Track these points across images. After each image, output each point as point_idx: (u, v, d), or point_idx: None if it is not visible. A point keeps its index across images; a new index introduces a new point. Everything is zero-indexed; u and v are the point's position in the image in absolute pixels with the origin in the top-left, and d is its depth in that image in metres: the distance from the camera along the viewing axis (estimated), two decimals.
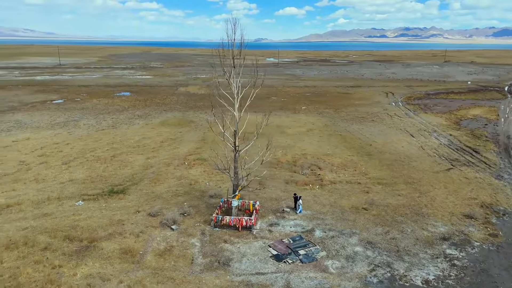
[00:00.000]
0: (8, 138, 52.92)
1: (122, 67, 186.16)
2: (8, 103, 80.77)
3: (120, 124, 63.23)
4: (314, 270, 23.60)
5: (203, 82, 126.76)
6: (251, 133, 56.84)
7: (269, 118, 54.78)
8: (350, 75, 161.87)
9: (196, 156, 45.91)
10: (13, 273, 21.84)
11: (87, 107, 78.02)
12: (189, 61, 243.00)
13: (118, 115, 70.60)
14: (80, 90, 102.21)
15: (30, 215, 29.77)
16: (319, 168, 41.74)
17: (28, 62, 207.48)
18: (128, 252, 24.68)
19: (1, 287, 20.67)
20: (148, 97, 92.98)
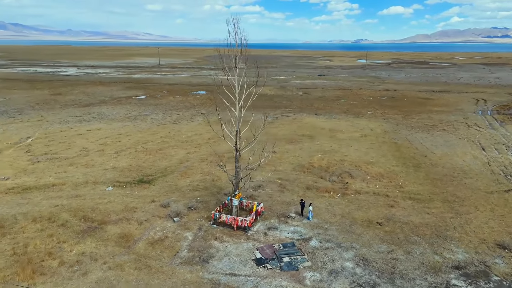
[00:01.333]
0: (85, 127, 60.78)
1: (211, 68, 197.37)
2: (101, 97, 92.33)
3: (181, 120, 67.75)
4: (289, 279, 22.76)
5: (278, 83, 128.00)
6: (303, 136, 56.00)
7: (326, 121, 53.49)
8: (443, 79, 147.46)
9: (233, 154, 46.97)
10: (26, 243, 25.50)
11: (161, 103, 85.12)
12: (276, 62, 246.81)
13: (184, 112, 75.65)
14: (164, 88, 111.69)
15: (66, 194, 34.12)
16: (351, 177, 39.45)
17: (135, 62, 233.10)
18: (125, 237, 26.81)
19: (12, 252, 24.34)
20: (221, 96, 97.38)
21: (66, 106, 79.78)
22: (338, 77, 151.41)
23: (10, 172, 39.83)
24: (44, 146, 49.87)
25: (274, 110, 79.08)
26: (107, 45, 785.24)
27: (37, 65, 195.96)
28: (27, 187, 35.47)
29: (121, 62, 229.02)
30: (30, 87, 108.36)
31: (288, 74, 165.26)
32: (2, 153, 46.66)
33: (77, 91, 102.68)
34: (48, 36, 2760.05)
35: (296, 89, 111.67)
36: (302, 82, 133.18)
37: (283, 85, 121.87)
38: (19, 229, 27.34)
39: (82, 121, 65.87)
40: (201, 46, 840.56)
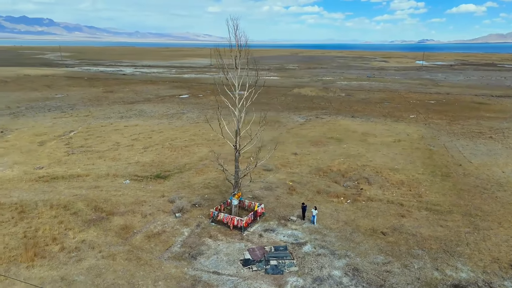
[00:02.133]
0: (123, 123, 64.45)
1: (259, 68, 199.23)
2: (147, 95, 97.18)
3: (215, 119, 69.13)
4: (270, 283, 22.47)
5: (323, 84, 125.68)
6: (332, 138, 54.53)
7: (361, 124, 51.23)
8: (508, 82, 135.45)
9: (254, 154, 47.08)
10: (38, 227, 27.74)
11: (201, 103, 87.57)
12: (327, 63, 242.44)
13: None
14: (208, 87, 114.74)
15: (87, 185, 36.52)
16: (368, 183, 37.79)
17: (188, 63, 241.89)
18: (126, 228, 28.15)
19: (23, 235, 26.64)
20: (259, 96, 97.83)
21: (114, 103, 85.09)
22: (388, 79, 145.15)
23: (45, 162, 43.48)
24: (83, 139, 53.70)
25: (310, 111, 77.90)
26: (169, 46, 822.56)
27: (100, 65, 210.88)
28: (55, 177, 38.51)
29: (175, 63, 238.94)
30: (88, 85, 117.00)
31: (336, 75, 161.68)
32: (45, 144, 51.03)
33: (127, 89, 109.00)
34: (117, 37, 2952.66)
35: (339, 91, 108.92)
36: (349, 83, 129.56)
37: (327, 86, 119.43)
38: (36, 214, 29.82)
39: (123, 117, 69.90)
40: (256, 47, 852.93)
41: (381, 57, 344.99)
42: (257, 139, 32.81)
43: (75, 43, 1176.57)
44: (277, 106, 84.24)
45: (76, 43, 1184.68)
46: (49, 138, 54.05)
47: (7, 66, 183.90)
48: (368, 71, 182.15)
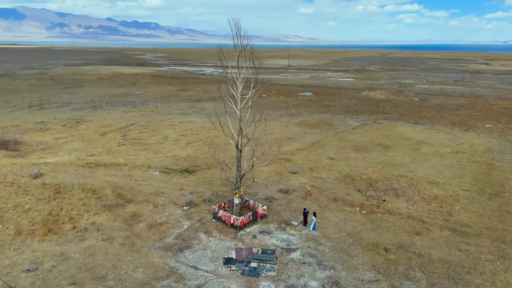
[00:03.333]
0: (180, 120, 68.58)
1: (336, 70, 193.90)
2: (213, 94, 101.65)
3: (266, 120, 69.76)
4: (241, 284, 22.35)
5: (399, 87, 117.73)
6: (379, 145, 51.52)
7: (421, 132, 48.48)
8: None
9: (287, 156, 46.59)
10: (63, 207, 31.29)
11: (259, 103, 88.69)
12: (414, 65, 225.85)
13: (275, 111, 77.46)
14: (274, 88, 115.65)
15: (121, 174, 39.93)
16: (395, 195, 34.83)
17: (267, 64, 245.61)
18: (134, 216, 30.27)
19: (48, 212, 30.33)
20: (323, 98, 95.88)
21: (181, 100, 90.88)
22: (479, 83, 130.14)
23: (98, 151, 48.58)
24: (138, 132, 58.65)
25: (370, 115, 73.87)
26: (258, 47, 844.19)
27: (185, 65, 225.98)
28: (99, 164, 42.85)
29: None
30: (166, 83, 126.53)
31: (419, 78, 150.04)
32: (106, 135, 56.93)
33: (199, 88, 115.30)
34: (213, 39, 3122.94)
35: (413, 95, 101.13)
36: (429, 87, 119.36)
37: (402, 89, 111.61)
38: (68, 196, 33.66)
39: (183, 114, 74.39)
40: (346, 47, 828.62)
41: (484, 59, 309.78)
42: (256, 139, 32.53)
43: (175, 44, 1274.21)
44: (336, 108, 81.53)
45: (176, 44, 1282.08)
46: (111, 130, 60.12)
47: (109, 65, 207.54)
48: (458, 74, 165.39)
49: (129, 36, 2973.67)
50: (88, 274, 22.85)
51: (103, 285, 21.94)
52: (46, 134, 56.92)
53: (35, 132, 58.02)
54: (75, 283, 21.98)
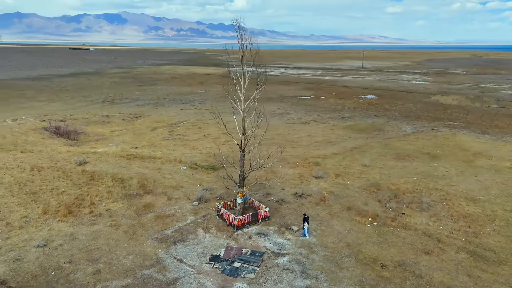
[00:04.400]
0: (228, 118, 70.29)
1: (413, 72, 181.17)
2: (271, 95, 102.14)
3: (313, 122, 68.32)
4: (215, 282, 22.51)
5: (479, 92, 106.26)
6: (426, 154, 47.62)
7: (484, 143, 46.44)
8: None
9: (318, 160, 45.16)
10: (90, 192, 34.35)
11: (314, 104, 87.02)
12: (509, 68, 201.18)
13: (327, 114, 75.35)
14: (336, 90, 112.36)
15: (152, 166, 42.44)
16: (420, 209, 31.81)
17: (339, 65, 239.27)
18: (147, 206, 32.07)
19: (76, 195, 33.56)
20: (385, 101, 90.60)
21: None
22: None
23: (142, 144, 52.20)
24: (185, 129, 61.64)
25: (430, 122, 67.99)
26: (338, 48, 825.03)
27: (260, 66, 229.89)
28: (137, 156, 46.08)
29: (326, 65, 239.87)
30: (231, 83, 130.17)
31: (509, 82, 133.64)
32: (156, 130, 60.89)
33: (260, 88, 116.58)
34: (294, 41, 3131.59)
35: (493, 101, 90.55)
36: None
37: (482, 95, 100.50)
38: (99, 183, 36.87)
39: (234, 113, 76.06)
40: (435, 48, 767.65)
41: None
42: (259, 140, 32.20)
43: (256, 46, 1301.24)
44: (395, 113, 76.48)
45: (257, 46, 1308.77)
46: (163, 125, 64.07)
47: (186, 65, 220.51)
48: None
49: (215, 38, 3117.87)
50: (85, 255, 24.93)
51: (93, 266, 23.77)
52: (105, 127, 62.79)
53: (97, 124, 64.35)
54: (71, 262, 24.16)
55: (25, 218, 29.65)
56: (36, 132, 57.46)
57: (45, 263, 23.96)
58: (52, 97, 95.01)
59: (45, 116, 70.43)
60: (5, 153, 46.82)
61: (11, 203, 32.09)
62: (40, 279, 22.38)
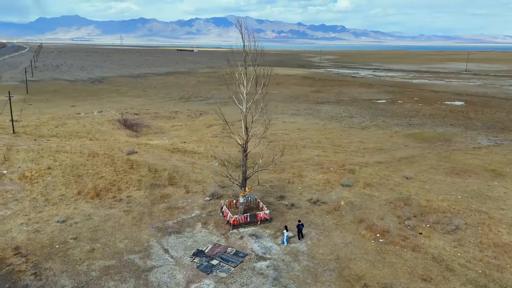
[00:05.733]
0: (286, 119, 69.89)
1: None
2: (342, 97, 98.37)
3: (374, 127, 64.00)
4: (185, 276, 23.08)
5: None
6: (489, 171, 42.03)
7: None
8: None
9: (355, 167, 42.31)
10: (123, 179, 37.66)
11: (388, 109, 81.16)
12: None
13: (394, 120, 69.86)
14: (420, 94, 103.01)
15: (189, 160, 44.60)
16: (445, 232, 27.89)
17: (438, 67, 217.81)
18: (164, 197, 34.01)
19: (111, 180, 37.09)
20: (472, 109, 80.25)
21: (305, 102, 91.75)
22: None
23: (192, 139, 55.08)
24: (239, 127, 63.03)
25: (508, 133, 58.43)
26: (450, 49, 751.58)
27: (345, 67, 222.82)
28: (181, 150, 48.85)
29: (423, 67, 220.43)
30: (308, 85, 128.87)
31: None
32: (211, 127, 63.61)
33: (336, 90, 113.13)
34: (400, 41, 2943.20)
35: None
36: None
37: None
38: (135, 171, 40.12)
39: (294, 114, 75.42)
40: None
41: None
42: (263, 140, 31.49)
43: (357, 47, 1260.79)
44: (477, 122, 67.37)
45: (358, 47, 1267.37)
46: (219, 123, 66.41)
47: (272, 66, 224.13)
48: None
49: (315, 39, 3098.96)
50: (89, 234, 27.65)
51: (91, 245, 26.25)
52: (168, 121, 67.79)
53: (163, 119, 69.82)
54: (75, 238, 27.03)
55: (62, 197, 33.97)
56: (110, 123, 64.79)
57: (56, 237, 27.23)
58: (140, 93, 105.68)
59: (125, 109, 78.82)
60: (77, 139, 53.93)
61: (59, 182, 37.00)
62: (44, 250, 25.56)
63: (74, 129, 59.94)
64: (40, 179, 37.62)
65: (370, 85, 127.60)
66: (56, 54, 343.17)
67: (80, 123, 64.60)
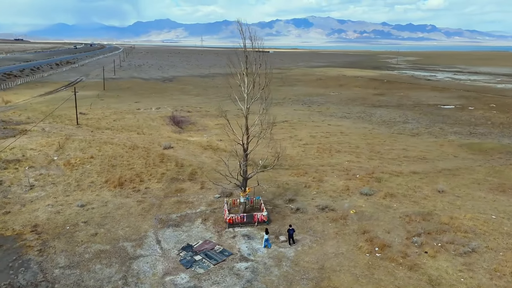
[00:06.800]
0: (332, 122, 67.54)
1: None
2: (406, 101, 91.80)
3: (426, 134, 58.88)
4: (165, 267, 23.77)
5: None
6: None
7: None
8: None
9: (385, 176, 39.41)
10: (148, 172, 39.86)
11: (453, 116, 74.00)
12: None
13: (454, 127, 63.54)
14: (499, 101, 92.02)
15: (217, 157, 45.46)
16: (457, 253, 24.81)
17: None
18: (178, 191, 35.34)
19: (136, 172, 39.54)
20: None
21: (361, 104, 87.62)
22: None
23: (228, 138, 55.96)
24: (279, 128, 62.53)
25: None
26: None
27: (423, 69, 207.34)
28: (213, 147, 50.06)
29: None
30: (373, 87, 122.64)
31: None
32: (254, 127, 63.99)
33: (401, 94, 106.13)
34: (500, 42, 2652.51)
35: None
36: None
37: None
38: (164, 165, 42.13)
39: (343, 117, 72.53)
40: None
41: None
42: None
43: (448, 47, 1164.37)
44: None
45: (449, 47, 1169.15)
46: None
47: (343, 67, 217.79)
48: None
49: (400, 40, 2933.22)
50: (99, 220, 29.92)
51: (96, 230, 28.35)
52: (215, 120, 69.76)
53: (211, 117, 72.14)
54: (85, 222, 29.43)
55: (91, 184, 37.20)
56: (161, 119, 68.88)
57: (70, 219, 29.96)
58: (200, 92, 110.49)
59: (180, 107, 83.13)
60: (127, 133, 58.41)
61: (94, 170, 40.52)
62: (57, 230, 28.29)
63: (128, 123, 64.96)
64: (80, 166, 41.59)
65: (443, 89, 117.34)
66: (143, 54, 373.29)
67: (135, 118, 69.78)
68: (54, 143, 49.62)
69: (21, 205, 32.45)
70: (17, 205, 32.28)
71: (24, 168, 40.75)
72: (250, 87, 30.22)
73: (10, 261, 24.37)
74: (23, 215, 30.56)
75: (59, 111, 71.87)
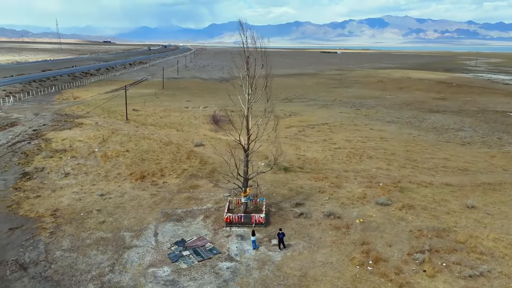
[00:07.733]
0: (375, 126, 63.97)
1: None
2: (469, 107, 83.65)
3: (480, 143, 53.14)
4: (153, 259, 24.61)
5: None
6: None
7: None
8: None
9: (412, 186, 36.48)
10: (172, 167, 41.45)
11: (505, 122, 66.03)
12: None
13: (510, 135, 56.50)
14: None
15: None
16: (461, 276, 22.21)
17: None
18: (192, 187, 36.32)
19: (159, 167, 41.29)
20: None
21: (416, 109, 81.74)
22: None
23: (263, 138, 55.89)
24: (316, 131, 60.98)
25: None
26: None
27: (506, 73, 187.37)
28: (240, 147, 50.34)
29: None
30: (435, 91, 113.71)
31: None
32: (289, 128, 63.15)
33: (467, 98, 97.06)
34: None
35: None
36: None
37: None
38: (188, 161, 43.59)
39: (390, 122, 68.29)
40: None
41: None
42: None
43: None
44: None
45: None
46: (300, 125, 65.53)
47: (410, 69, 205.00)
48: None
49: (488, 40, 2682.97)
50: (111, 209, 31.86)
51: (105, 218, 30.24)
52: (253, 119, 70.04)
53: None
54: (99, 210, 31.56)
55: (117, 175, 39.73)
56: (203, 118, 71.04)
57: (87, 206, 32.34)
58: None
59: (226, 106, 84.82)
60: (168, 129, 61.29)
61: (124, 163, 43.23)
62: (72, 216, 30.72)
63: (172, 120, 68.07)
64: (114, 159, 44.65)
65: (508, 94, 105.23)
66: (211, 55, 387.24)
67: (181, 115, 72.86)
68: (100, 136, 53.89)
69: (52, 190, 35.80)
70: (48, 191, 35.67)
71: (67, 158, 44.88)
72: (252, 89, 29.88)
73: (24, 240, 27.06)
74: (50, 199, 33.69)
75: (115, 107, 77.72)
